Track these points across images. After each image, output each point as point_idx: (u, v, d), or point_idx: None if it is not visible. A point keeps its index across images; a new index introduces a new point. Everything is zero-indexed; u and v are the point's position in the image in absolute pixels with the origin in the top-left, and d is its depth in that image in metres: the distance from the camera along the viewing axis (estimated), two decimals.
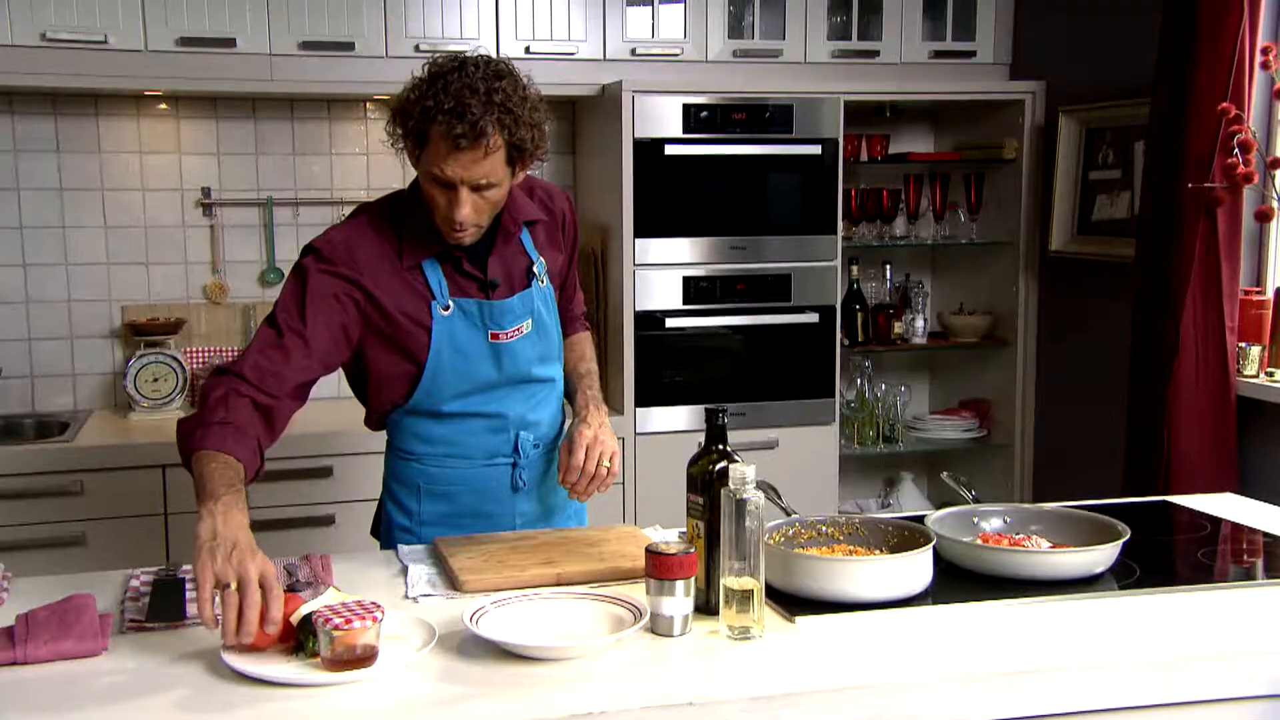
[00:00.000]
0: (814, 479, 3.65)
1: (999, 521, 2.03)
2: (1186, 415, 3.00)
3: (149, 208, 3.57)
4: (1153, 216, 3.09)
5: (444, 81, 1.84)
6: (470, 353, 2.03)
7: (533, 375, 2.11)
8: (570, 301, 2.29)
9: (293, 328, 1.90)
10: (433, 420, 2.08)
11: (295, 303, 1.92)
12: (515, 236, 2.07)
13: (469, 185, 1.86)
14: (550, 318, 2.13)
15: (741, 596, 1.60)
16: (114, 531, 3.03)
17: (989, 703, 1.51)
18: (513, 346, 2.06)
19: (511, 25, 3.47)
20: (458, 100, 1.81)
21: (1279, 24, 3.07)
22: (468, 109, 1.81)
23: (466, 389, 2.05)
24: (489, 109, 1.82)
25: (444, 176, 1.86)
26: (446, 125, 1.81)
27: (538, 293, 2.09)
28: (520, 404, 2.11)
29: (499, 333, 2.04)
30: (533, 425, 2.13)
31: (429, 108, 1.83)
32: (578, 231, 2.24)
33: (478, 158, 1.84)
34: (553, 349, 2.15)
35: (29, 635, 1.55)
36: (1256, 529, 2.16)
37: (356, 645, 1.47)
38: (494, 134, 1.83)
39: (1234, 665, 1.59)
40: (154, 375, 3.41)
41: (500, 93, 1.84)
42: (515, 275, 2.07)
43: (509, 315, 2.04)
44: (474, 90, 1.82)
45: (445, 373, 2.02)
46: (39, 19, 3.14)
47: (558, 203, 2.18)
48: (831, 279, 3.65)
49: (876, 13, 3.80)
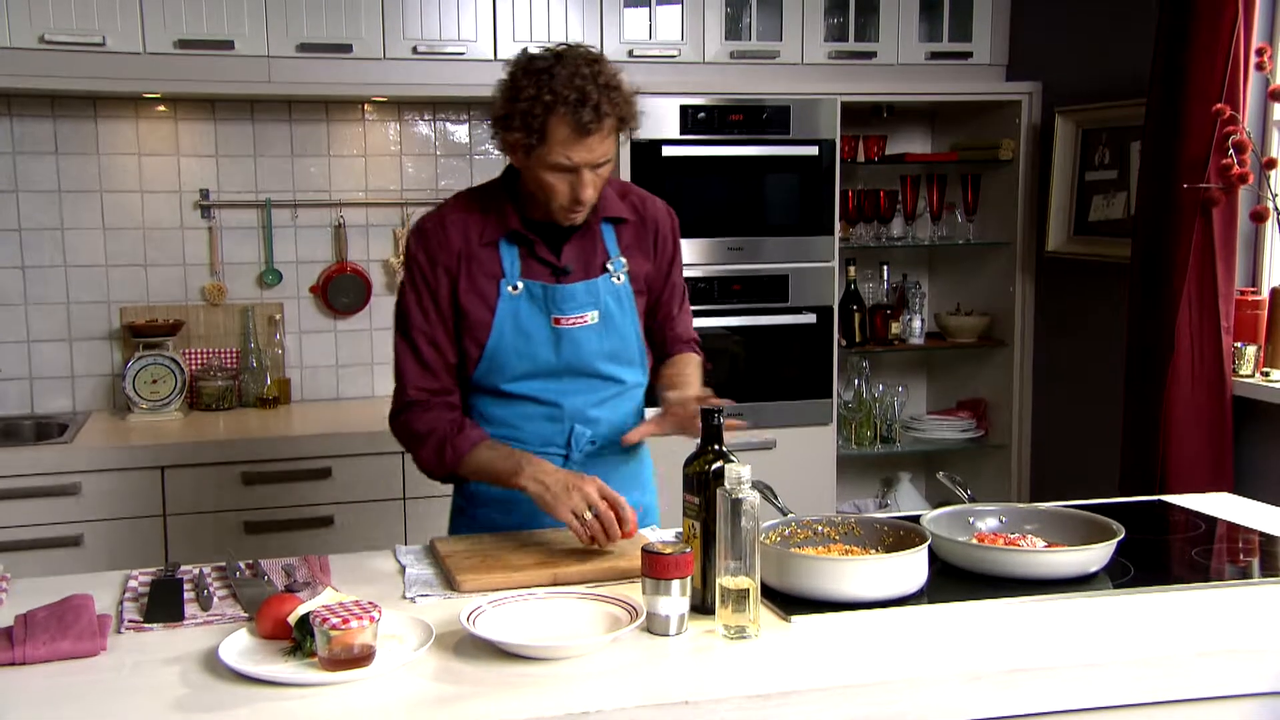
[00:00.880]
0: (812, 479, 3.66)
1: (994, 521, 2.04)
2: (1182, 415, 3.01)
3: (147, 210, 3.58)
4: (1148, 217, 3.10)
5: (549, 75, 1.91)
6: (532, 334, 2.07)
7: (598, 370, 2.12)
8: (673, 319, 2.25)
9: (424, 333, 2.08)
10: (494, 400, 2.12)
11: (415, 301, 2.08)
12: (595, 229, 2.12)
13: (590, 166, 1.95)
14: (624, 317, 2.13)
15: (737, 596, 1.61)
16: (112, 532, 3.04)
17: (984, 701, 1.52)
18: (575, 334, 2.08)
19: (509, 26, 3.48)
20: (577, 89, 1.90)
21: (1274, 25, 3.08)
22: (587, 95, 1.90)
23: (526, 371, 2.09)
24: (603, 91, 1.92)
25: (570, 163, 1.94)
26: (573, 114, 1.90)
27: (607, 286, 2.11)
28: (580, 397, 2.12)
29: (560, 317, 2.07)
30: (592, 422, 2.14)
31: (549, 101, 1.90)
32: (676, 248, 2.23)
33: (602, 139, 1.94)
34: (625, 349, 2.14)
35: (28, 635, 1.56)
36: (1251, 528, 2.17)
37: (354, 645, 1.47)
38: (610, 114, 1.93)
39: (1228, 663, 1.59)
40: (153, 377, 3.41)
41: (602, 75, 1.94)
42: (590, 266, 2.11)
43: (571, 301, 2.07)
44: (585, 77, 1.91)
45: (506, 351, 2.07)
46: (37, 21, 3.14)
47: (651, 210, 2.19)
48: (829, 279, 3.66)
49: (873, 14, 3.81)
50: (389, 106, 3.70)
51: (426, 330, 2.07)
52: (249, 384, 3.60)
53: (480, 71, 3.45)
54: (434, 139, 3.77)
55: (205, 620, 1.70)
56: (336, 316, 3.75)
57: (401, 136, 3.74)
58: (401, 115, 3.73)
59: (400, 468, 3.22)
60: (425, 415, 2.07)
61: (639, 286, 2.16)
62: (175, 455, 3.09)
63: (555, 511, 1.90)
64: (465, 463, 2.03)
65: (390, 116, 3.72)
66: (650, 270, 2.18)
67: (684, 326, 2.28)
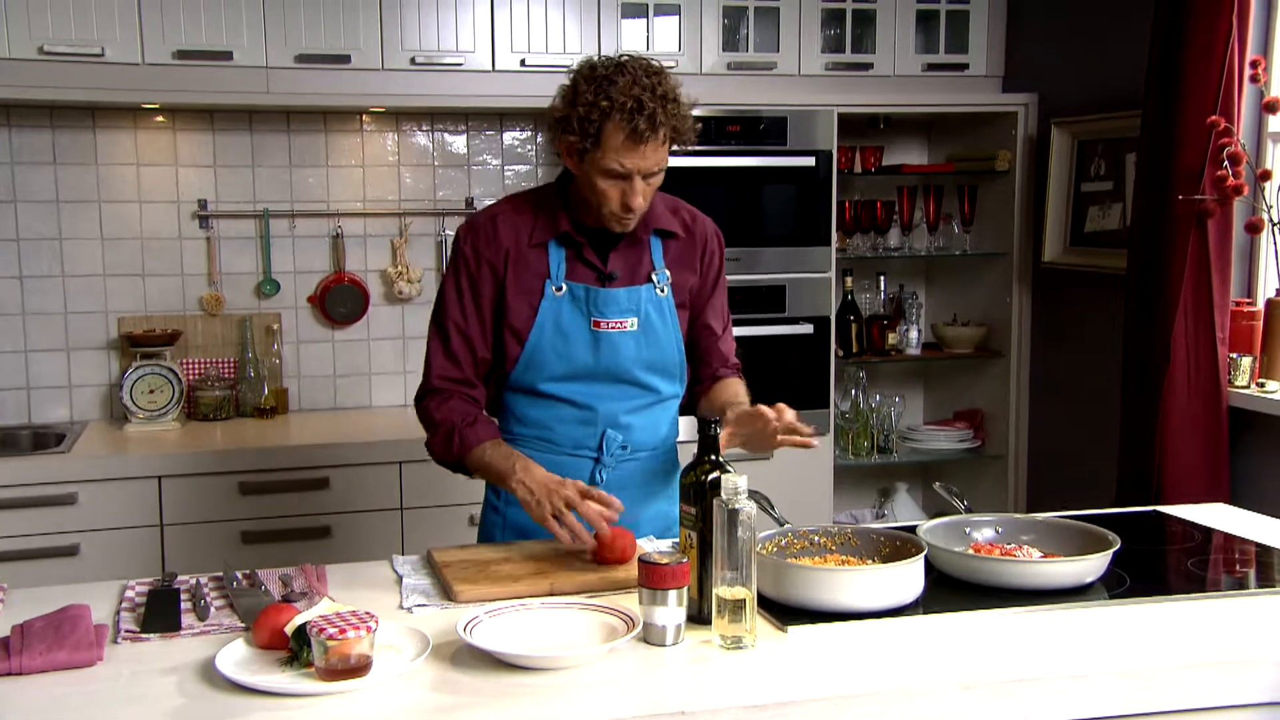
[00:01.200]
0: (809, 489, 3.66)
1: (990, 531, 2.04)
2: (1178, 425, 3.01)
3: (145, 220, 3.58)
4: (1144, 228, 3.11)
5: (609, 82, 1.96)
6: (572, 335, 2.10)
7: (635, 377, 2.14)
8: (718, 339, 2.27)
9: (457, 325, 2.13)
10: (529, 400, 2.15)
11: (455, 293, 2.13)
12: (644, 240, 2.14)
13: (642, 174, 1.99)
14: (665, 329, 2.15)
15: (734, 606, 1.61)
16: (110, 542, 3.04)
17: (981, 711, 1.52)
18: (613, 339, 2.11)
19: (507, 38, 3.49)
20: (634, 98, 1.93)
21: (1268, 37, 3.09)
22: (643, 104, 1.94)
23: (564, 372, 2.11)
24: (660, 101, 1.96)
25: (623, 169, 1.98)
26: (628, 121, 1.94)
27: (650, 296, 2.13)
28: (615, 402, 2.14)
29: (600, 320, 2.10)
30: (624, 427, 2.15)
31: (605, 107, 1.94)
32: (722, 268, 2.26)
33: (655, 148, 1.98)
34: (664, 359, 2.16)
35: (24, 646, 1.56)
36: (1247, 539, 2.18)
37: (350, 655, 1.48)
38: (665, 124, 1.97)
39: (1224, 674, 1.60)
40: (150, 387, 3.41)
41: (661, 85, 1.98)
42: (635, 275, 2.13)
43: (613, 305, 2.10)
44: (643, 87, 1.95)
45: (545, 351, 2.10)
46: (36, 32, 3.15)
47: (701, 228, 2.23)
48: (826, 290, 3.67)
49: (870, 26, 3.82)
50: (387, 117, 3.71)
51: (460, 322, 2.12)
52: (246, 394, 3.60)
53: (478, 83, 3.47)
54: (432, 149, 3.78)
55: (202, 630, 1.70)
56: (334, 327, 3.75)
57: (399, 147, 3.75)
58: (399, 126, 3.74)
59: (397, 478, 3.22)
60: (445, 404, 2.12)
61: (681, 300, 2.18)
62: (172, 465, 3.09)
63: (536, 515, 1.96)
64: (471, 457, 2.08)
65: (388, 127, 3.73)
66: (695, 285, 2.21)
67: (728, 348, 2.30)
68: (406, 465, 3.22)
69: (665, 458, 2.25)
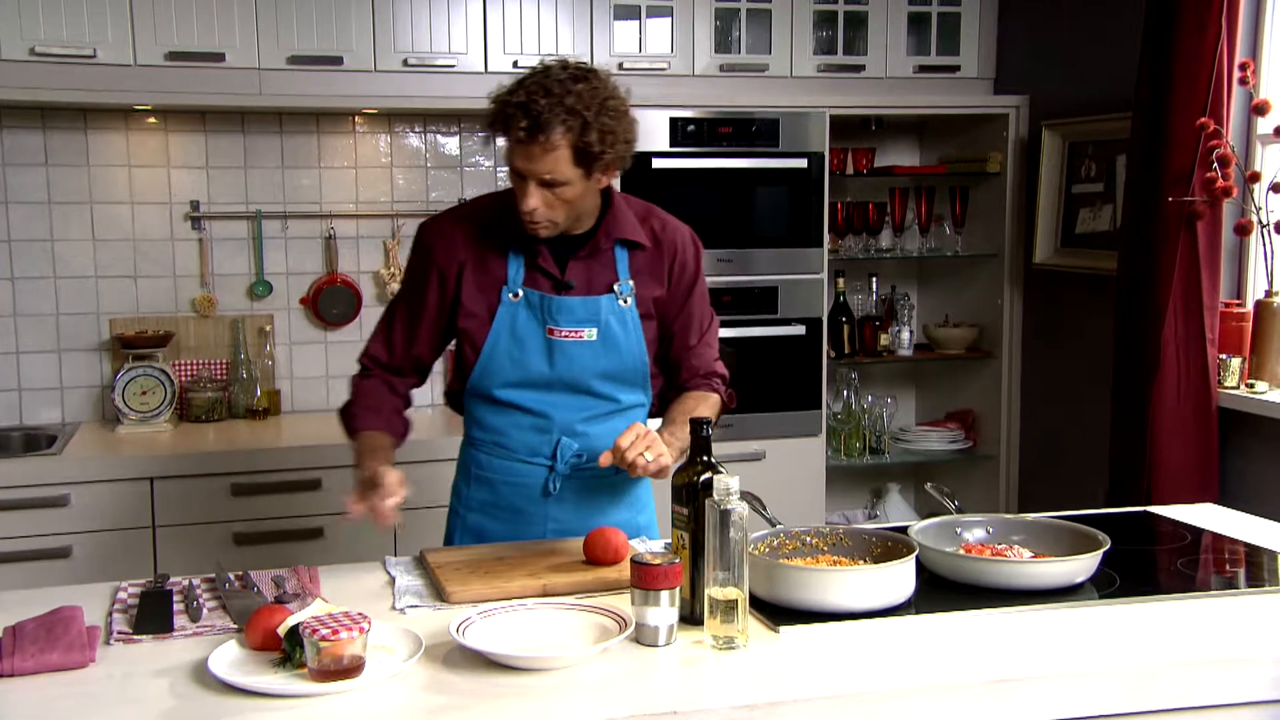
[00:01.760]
0: (801, 490, 3.67)
1: (981, 532, 2.05)
2: (1168, 426, 3.03)
3: (137, 221, 3.58)
4: (1134, 230, 3.12)
5: (528, 78, 1.96)
6: (526, 342, 2.10)
7: (592, 387, 2.12)
8: (689, 350, 2.21)
9: (401, 312, 2.17)
10: (487, 406, 2.15)
11: (407, 285, 2.17)
12: (606, 250, 2.12)
13: (535, 179, 1.96)
14: (627, 340, 2.12)
15: (726, 607, 1.62)
16: (102, 544, 3.03)
17: (971, 711, 1.53)
18: (568, 348, 2.09)
19: (499, 39, 3.50)
20: (528, 97, 1.92)
21: (1256, 40, 3.11)
22: (534, 105, 1.91)
23: (519, 379, 2.11)
24: (555, 109, 1.90)
25: (514, 167, 1.98)
26: (513, 120, 1.92)
27: (611, 306, 2.11)
28: (570, 411, 2.13)
29: (554, 329, 2.09)
30: (580, 436, 2.14)
31: (505, 101, 1.95)
32: (698, 277, 2.20)
33: (539, 153, 1.93)
34: (625, 370, 2.14)
35: (16, 648, 1.56)
36: (1237, 539, 2.19)
37: (343, 656, 1.48)
38: (556, 132, 1.91)
39: (1214, 673, 1.61)
40: (142, 388, 3.41)
41: (573, 95, 1.92)
42: (595, 286, 2.11)
43: (567, 314, 2.09)
44: (547, 91, 1.92)
45: (501, 357, 2.10)
46: (28, 33, 3.15)
47: (671, 236, 2.17)
48: (818, 291, 3.68)
49: (862, 27, 3.83)
50: (380, 119, 3.71)
51: (403, 313, 2.16)
52: (239, 395, 3.60)
53: (471, 84, 3.46)
54: (424, 151, 3.78)
55: (195, 632, 1.70)
56: (327, 328, 3.75)
57: (392, 148, 3.75)
58: (392, 127, 3.74)
59: None
60: (363, 381, 2.20)
61: (646, 310, 2.15)
62: (165, 467, 3.09)
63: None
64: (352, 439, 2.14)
65: (381, 129, 3.73)
66: (663, 296, 2.17)
67: (702, 359, 2.22)
68: (399, 466, 3.20)
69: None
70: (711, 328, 2.26)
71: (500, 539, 2.16)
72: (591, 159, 1.95)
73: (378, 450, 2.07)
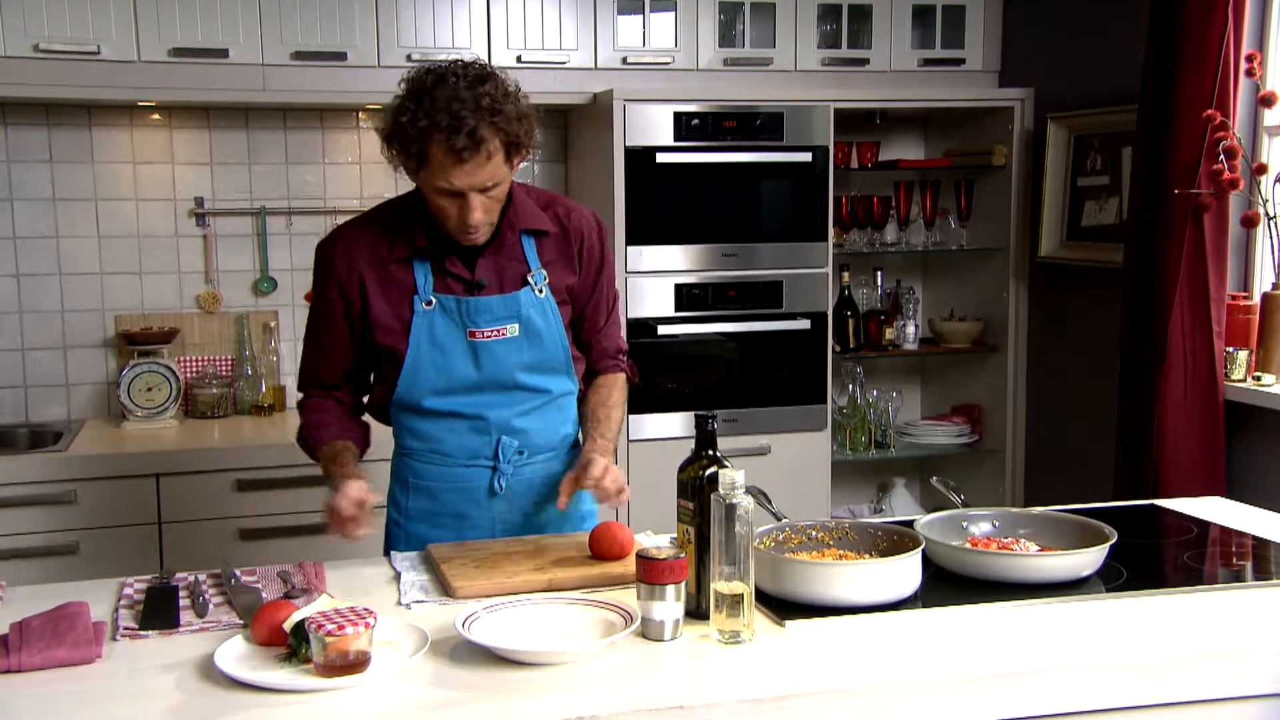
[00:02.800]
0: (806, 485, 3.67)
1: (987, 525, 2.04)
2: (1175, 419, 3.02)
3: (142, 218, 3.58)
4: (1141, 222, 3.11)
5: (430, 98, 1.88)
6: (449, 349, 2.06)
7: (520, 382, 2.11)
8: (599, 332, 2.22)
9: (315, 337, 2.15)
10: (417, 416, 2.12)
11: (316, 305, 2.13)
12: (513, 243, 2.09)
13: (476, 190, 1.92)
14: (549, 329, 2.11)
15: (731, 601, 1.62)
16: (108, 540, 3.04)
17: (978, 705, 1.52)
18: (492, 347, 2.07)
19: (503, 34, 3.49)
20: (451, 114, 1.85)
21: (1263, 31, 3.09)
22: (463, 121, 1.86)
23: (446, 386, 2.08)
24: (481, 115, 1.86)
25: (453, 188, 1.92)
26: (447, 141, 1.86)
27: (529, 299, 2.09)
28: (504, 409, 2.12)
29: (476, 331, 2.06)
30: (518, 432, 2.13)
31: (424, 128, 1.87)
32: (605, 259, 2.19)
33: (481, 164, 1.89)
34: (549, 360, 2.13)
35: (23, 643, 1.56)
36: (1244, 532, 2.18)
37: (349, 651, 1.48)
38: (491, 138, 1.88)
39: (1221, 666, 1.60)
40: (147, 385, 3.41)
41: (487, 97, 1.89)
42: (507, 279, 2.09)
43: (487, 314, 2.06)
44: (462, 101, 1.86)
45: (424, 367, 2.07)
46: (32, 30, 3.15)
47: (576, 222, 2.15)
48: (823, 286, 3.67)
49: (866, 21, 3.82)
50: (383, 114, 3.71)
51: (317, 335, 2.14)
52: (244, 391, 3.60)
53: None
54: None
55: (201, 627, 1.70)
56: None
57: None
58: None
59: None
60: (306, 403, 2.19)
61: (562, 298, 2.14)
62: (170, 463, 3.09)
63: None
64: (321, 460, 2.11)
65: None
66: (575, 283, 2.15)
67: (610, 339, 2.24)
68: None
69: (568, 456, 2.21)
70: (616, 305, 2.27)
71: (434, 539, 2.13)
72: (517, 153, 1.95)
73: (337, 456, 2.06)
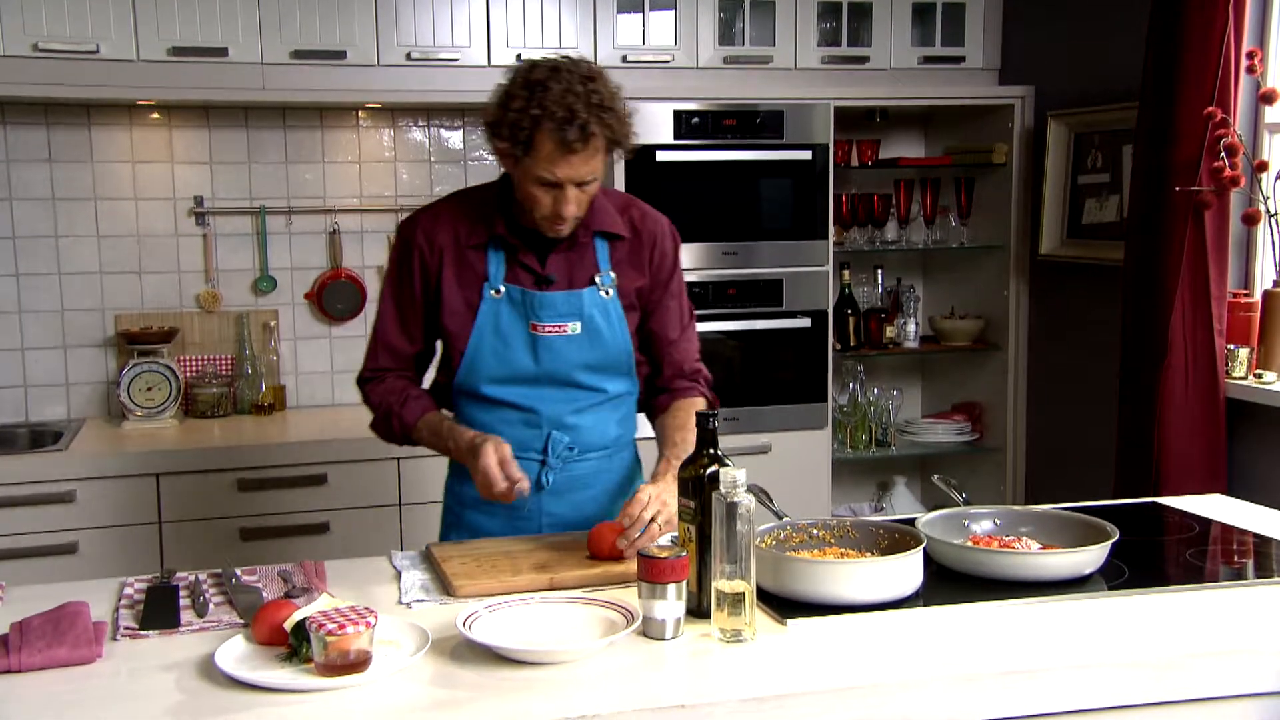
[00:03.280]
0: (807, 483, 3.66)
1: (989, 523, 2.04)
2: (1176, 417, 3.01)
3: (142, 217, 3.58)
4: (1141, 220, 3.11)
5: (544, 88, 1.91)
6: (510, 339, 2.09)
7: (576, 380, 2.12)
8: (671, 345, 2.20)
9: (390, 315, 2.17)
10: (475, 404, 2.15)
11: (390, 286, 2.17)
12: (585, 243, 2.12)
13: (574, 183, 1.96)
14: (611, 330, 2.12)
15: (733, 599, 1.61)
16: (108, 540, 3.04)
17: (980, 703, 1.52)
18: (552, 342, 2.09)
19: (503, 33, 3.49)
20: (565, 107, 1.89)
21: (1264, 28, 3.09)
22: (576, 114, 1.90)
23: (504, 375, 2.11)
24: (592, 111, 1.91)
25: (554, 178, 1.95)
26: (559, 132, 1.90)
27: (594, 299, 2.11)
28: (558, 404, 2.13)
29: (538, 324, 2.09)
30: (571, 429, 2.14)
31: (537, 116, 1.90)
32: (676, 268, 2.20)
33: (586, 158, 1.94)
34: (610, 361, 2.14)
35: (23, 643, 1.55)
36: (1245, 530, 2.18)
37: (350, 650, 1.47)
38: (599, 134, 1.93)
39: (1223, 664, 1.60)
40: (147, 384, 3.41)
41: (597, 94, 1.93)
42: (576, 278, 2.11)
43: (550, 309, 2.08)
44: (576, 95, 1.91)
45: (485, 355, 2.10)
46: (31, 29, 3.14)
47: (650, 226, 2.17)
48: (823, 284, 3.67)
49: (866, 19, 3.82)
50: (383, 113, 3.71)
51: (394, 313, 2.16)
52: (244, 391, 3.60)
53: (474, 78, 3.46)
54: (428, 145, 3.77)
55: (201, 627, 1.70)
56: (331, 323, 3.75)
57: (396, 143, 3.74)
58: (396, 121, 3.73)
59: (395, 474, 3.22)
60: (378, 388, 2.18)
61: (629, 302, 2.15)
62: (170, 462, 3.09)
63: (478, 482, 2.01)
64: (414, 435, 2.15)
65: (384, 123, 3.73)
66: (644, 286, 2.17)
67: (685, 354, 2.22)
68: (404, 461, 3.22)
69: (620, 456, 2.22)
70: (692, 323, 2.26)
71: (496, 535, 2.15)
72: (618, 149, 1.99)
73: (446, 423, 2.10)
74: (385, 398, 2.16)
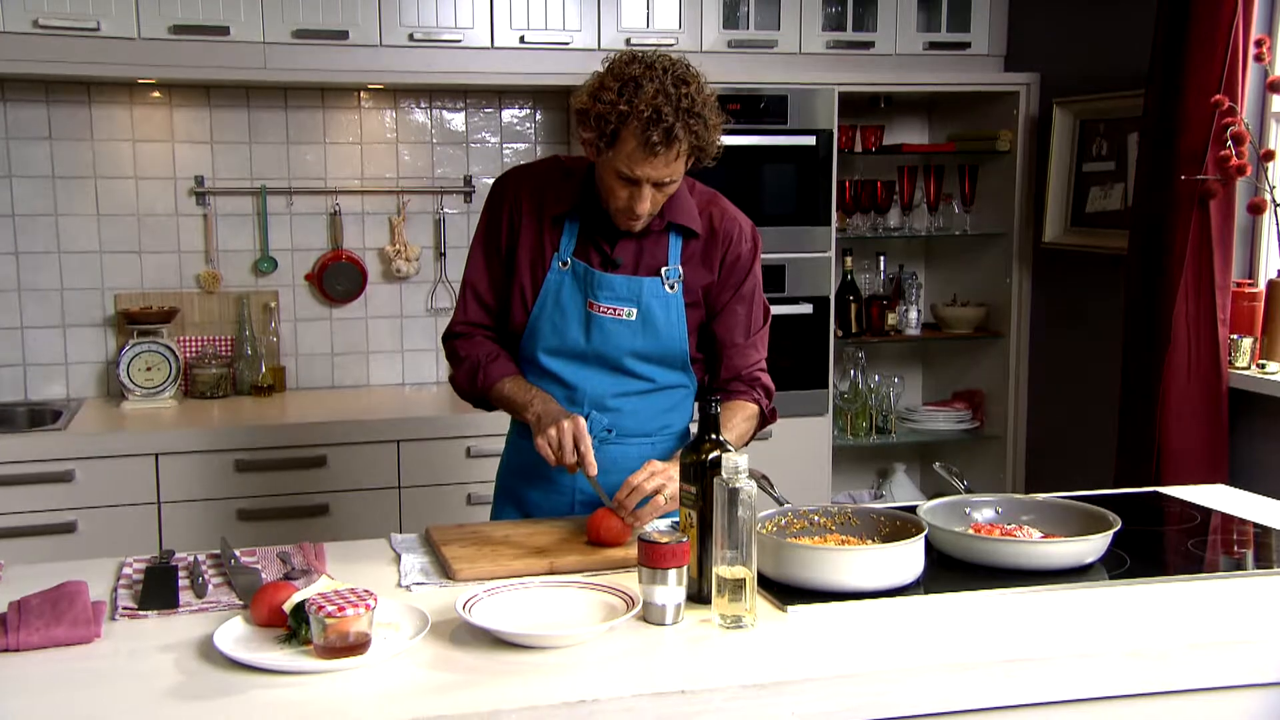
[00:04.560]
0: (808, 470, 3.66)
1: (990, 512, 2.04)
2: (1178, 407, 3.01)
3: (142, 196, 3.56)
4: (1146, 208, 3.10)
5: (636, 85, 1.90)
6: (568, 313, 2.11)
7: (624, 365, 2.12)
8: (734, 348, 2.18)
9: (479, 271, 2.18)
10: (531, 371, 2.16)
11: (480, 240, 2.18)
12: (659, 233, 2.11)
13: (653, 183, 1.95)
14: (668, 323, 2.11)
15: (733, 585, 1.61)
16: (107, 519, 3.03)
17: (980, 691, 1.52)
18: (605, 324, 2.10)
19: (506, 14, 3.46)
20: (653, 107, 1.88)
21: (1272, 16, 3.07)
22: (662, 116, 1.88)
23: (557, 347, 2.13)
24: (679, 115, 1.89)
25: (632, 175, 1.94)
26: (643, 131, 1.88)
27: (654, 289, 2.10)
28: (603, 385, 2.13)
29: (595, 303, 2.09)
30: (612, 411, 2.14)
31: (624, 112, 1.89)
32: (751, 274, 2.18)
33: (667, 160, 1.92)
34: (663, 352, 2.13)
35: (22, 622, 1.55)
36: (1247, 520, 2.17)
37: (349, 632, 1.47)
38: (684, 139, 1.91)
39: (1224, 654, 1.60)
40: (147, 364, 3.40)
41: (688, 98, 1.91)
42: (642, 265, 2.11)
43: (608, 290, 2.09)
44: (667, 96, 1.89)
45: (544, 322, 2.12)
46: (31, 6, 3.12)
47: (728, 225, 2.15)
48: (825, 270, 3.66)
49: (871, 4, 3.80)
50: (385, 94, 3.69)
51: (483, 263, 2.17)
52: (244, 372, 3.59)
53: (477, 59, 3.44)
54: (430, 126, 3.75)
55: (200, 607, 1.69)
56: (332, 304, 3.74)
57: (398, 124, 3.72)
58: (398, 103, 3.71)
59: (395, 456, 3.22)
60: (467, 343, 2.19)
61: (693, 299, 2.14)
62: (169, 443, 3.09)
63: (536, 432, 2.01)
64: (494, 390, 2.14)
65: (386, 104, 3.71)
66: (711, 285, 2.15)
67: (746, 359, 2.19)
68: (404, 444, 3.21)
69: (665, 446, 2.21)
70: (762, 332, 2.22)
71: (533, 505, 2.19)
72: (700, 156, 1.98)
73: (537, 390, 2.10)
74: (474, 351, 2.17)
